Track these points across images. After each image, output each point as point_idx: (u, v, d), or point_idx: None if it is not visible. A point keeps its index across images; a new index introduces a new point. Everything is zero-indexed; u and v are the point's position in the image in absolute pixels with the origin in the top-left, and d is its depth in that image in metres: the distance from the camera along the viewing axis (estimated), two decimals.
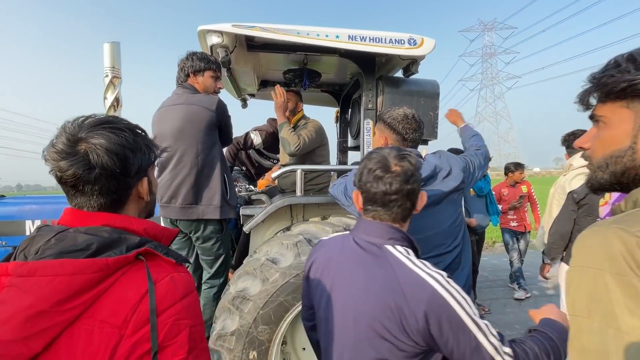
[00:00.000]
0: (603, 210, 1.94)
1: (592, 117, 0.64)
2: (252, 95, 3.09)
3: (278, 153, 3.11)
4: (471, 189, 3.97)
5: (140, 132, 0.72)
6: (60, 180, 0.64)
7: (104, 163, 0.63)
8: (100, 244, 0.60)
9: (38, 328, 0.53)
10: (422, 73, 2.19)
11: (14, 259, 0.61)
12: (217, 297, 2.06)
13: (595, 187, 0.64)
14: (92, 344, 0.55)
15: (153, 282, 0.60)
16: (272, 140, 3.05)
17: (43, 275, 0.55)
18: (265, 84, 2.88)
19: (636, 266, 0.47)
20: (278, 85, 2.33)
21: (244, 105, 3.10)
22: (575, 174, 2.34)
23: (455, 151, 3.59)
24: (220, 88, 2.16)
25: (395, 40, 1.90)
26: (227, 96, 2.96)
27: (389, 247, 0.89)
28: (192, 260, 2.17)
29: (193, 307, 0.64)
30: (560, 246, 2.27)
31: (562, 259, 2.32)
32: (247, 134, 2.99)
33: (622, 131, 0.58)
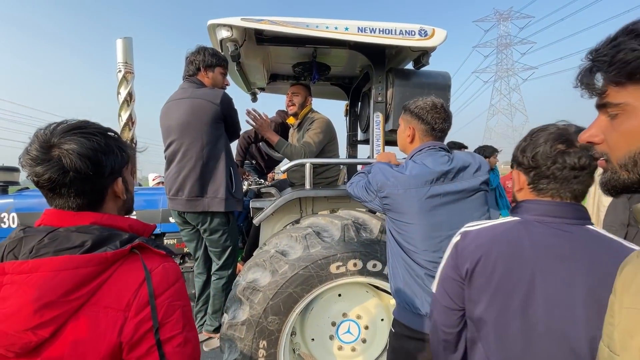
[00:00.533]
0: None
1: (603, 105, 0.52)
2: (262, 89, 3.10)
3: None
4: None
5: (112, 135, 0.76)
6: (37, 184, 0.69)
7: (77, 167, 0.67)
8: (94, 241, 0.67)
9: (47, 317, 0.60)
10: (434, 65, 2.15)
11: (1, 260, 0.66)
12: (226, 288, 2.11)
13: (617, 190, 0.53)
14: (100, 326, 0.63)
15: (149, 271, 0.68)
16: (281, 131, 3.06)
17: (47, 271, 0.62)
18: (274, 77, 2.89)
19: None
20: (248, 109, 2.30)
21: (254, 99, 3.11)
22: None
23: (456, 145, 3.56)
24: (227, 85, 2.20)
25: (406, 31, 1.87)
26: (237, 90, 2.98)
27: (592, 227, 0.82)
28: (201, 252, 2.22)
29: (182, 291, 0.73)
30: (621, 236, 2.18)
31: None
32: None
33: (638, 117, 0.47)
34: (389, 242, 1.39)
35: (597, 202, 2.43)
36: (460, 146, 3.50)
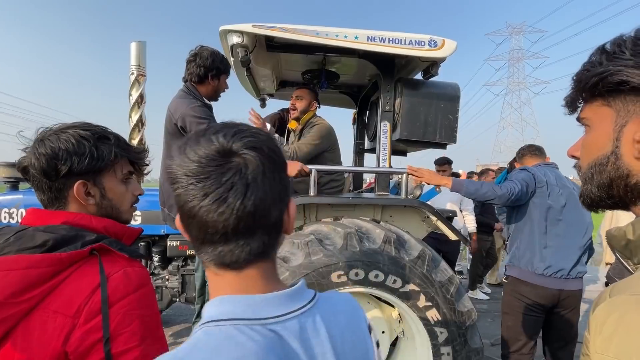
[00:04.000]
0: None
1: (578, 121, 0.56)
2: (271, 95, 3.12)
3: (285, 138, 3.14)
4: None
5: (99, 136, 0.73)
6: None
7: (32, 163, 0.69)
8: (56, 241, 0.63)
9: None
10: (445, 76, 2.15)
11: None
12: None
13: (588, 204, 0.55)
14: (46, 333, 0.58)
15: (106, 275, 0.63)
16: (279, 128, 3.08)
17: None
18: (284, 84, 2.91)
19: None
20: (252, 109, 2.33)
21: (263, 104, 3.14)
22: None
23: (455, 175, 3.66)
24: (227, 88, 2.17)
25: (415, 41, 1.87)
26: (247, 95, 3.01)
27: None
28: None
29: (147, 299, 0.67)
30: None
31: None
32: None
33: (603, 133, 0.50)
34: (527, 215, 1.96)
35: (614, 222, 2.35)
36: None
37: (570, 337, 1.94)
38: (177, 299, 2.55)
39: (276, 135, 3.14)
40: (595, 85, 0.48)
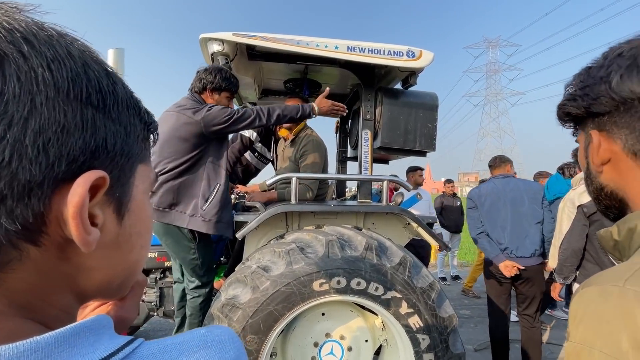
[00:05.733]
0: None
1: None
2: (254, 104, 3.12)
3: (269, 148, 3.12)
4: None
5: None
6: None
7: None
8: None
9: None
10: (426, 87, 2.22)
11: None
12: (203, 307, 2.04)
13: (603, 215, 0.61)
14: None
15: None
16: (266, 135, 3.05)
17: None
18: (266, 92, 2.91)
19: None
20: (236, 189, 2.42)
21: None
22: (585, 188, 2.28)
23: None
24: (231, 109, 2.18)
25: (394, 52, 1.92)
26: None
27: None
28: (178, 262, 2.17)
29: None
30: (574, 264, 2.17)
31: (575, 279, 2.21)
32: (240, 137, 2.98)
33: (581, 154, 0.58)
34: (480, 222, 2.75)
35: (557, 226, 2.45)
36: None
37: (530, 301, 2.65)
38: (155, 313, 2.46)
39: (259, 145, 3.11)
40: (560, 117, 0.58)
